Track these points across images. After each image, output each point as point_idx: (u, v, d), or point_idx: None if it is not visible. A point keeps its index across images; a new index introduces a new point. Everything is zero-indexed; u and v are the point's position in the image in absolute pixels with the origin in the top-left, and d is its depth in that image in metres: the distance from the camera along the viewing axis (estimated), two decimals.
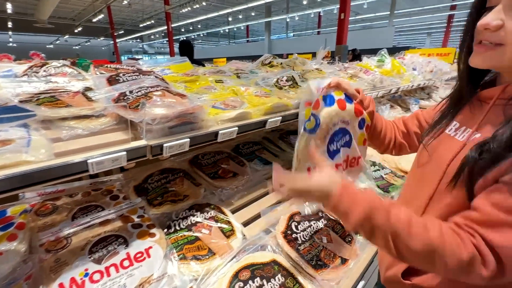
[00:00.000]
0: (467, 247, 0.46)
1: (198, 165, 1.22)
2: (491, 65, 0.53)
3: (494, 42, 0.49)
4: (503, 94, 0.54)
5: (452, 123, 0.65)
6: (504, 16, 0.47)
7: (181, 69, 1.28)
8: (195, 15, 17.36)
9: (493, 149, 0.48)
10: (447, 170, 0.58)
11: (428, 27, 21.12)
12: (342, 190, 0.53)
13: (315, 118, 0.76)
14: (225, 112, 0.93)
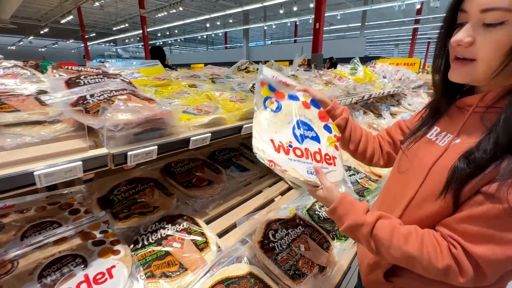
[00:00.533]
0: (444, 258, 0.50)
1: (170, 173, 1.15)
2: (468, 80, 0.54)
3: (468, 57, 0.51)
4: (481, 102, 0.56)
5: (433, 129, 0.67)
6: (473, 33, 0.49)
7: (152, 73, 1.21)
8: (171, 20, 17.11)
9: (477, 158, 0.49)
10: (429, 173, 0.59)
11: (395, 39, 22.64)
12: (338, 202, 0.62)
13: (277, 102, 0.76)
14: (198, 117, 0.89)
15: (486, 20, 0.47)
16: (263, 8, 16.37)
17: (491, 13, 0.46)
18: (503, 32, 0.46)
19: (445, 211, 0.55)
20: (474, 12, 0.49)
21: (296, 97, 0.80)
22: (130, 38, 21.90)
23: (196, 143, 0.82)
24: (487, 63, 0.49)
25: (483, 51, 0.49)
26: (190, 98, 1.05)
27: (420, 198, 0.60)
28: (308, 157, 0.73)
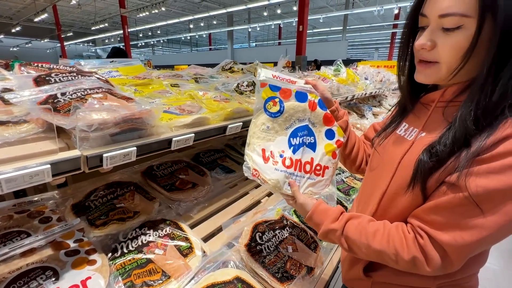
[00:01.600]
0: (410, 249, 0.53)
1: (152, 176, 1.10)
2: (433, 81, 0.57)
3: (431, 60, 0.54)
4: (442, 98, 0.60)
5: (402, 125, 0.69)
6: (434, 37, 0.52)
7: (131, 72, 1.16)
8: (154, 21, 16.76)
9: (439, 152, 0.52)
10: (398, 167, 0.61)
11: (375, 42, 23.45)
12: (312, 212, 0.66)
13: (280, 104, 0.72)
14: (180, 117, 0.85)
15: (444, 24, 0.50)
16: (247, 10, 16.42)
17: (449, 18, 0.48)
18: (460, 36, 0.49)
19: (416, 203, 0.57)
20: (433, 17, 0.51)
21: (304, 97, 0.74)
22: (110, 38, 21.20)
23: (179, 144, 0.79)
24: (448, 65, 0.52)
25: (444, 54, 0.51)
26: (172, 97, 1.01)
27: (392, 192, 0.61)
28: (296, 168, 0.72)
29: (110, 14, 17.46)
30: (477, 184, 0.45)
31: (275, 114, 0.72)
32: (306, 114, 0.74)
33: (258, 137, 0.72)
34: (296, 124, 0.74)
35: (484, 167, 0.46)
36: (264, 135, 0.72)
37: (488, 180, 0.45)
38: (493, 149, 0.46)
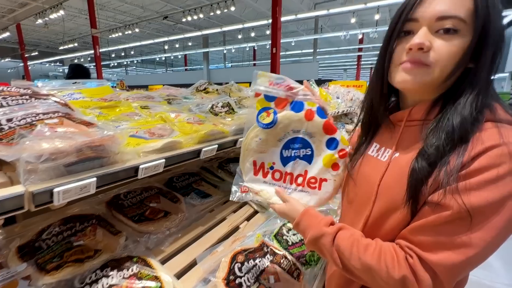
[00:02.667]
0: (401, 267, 0.50)
1: (118, 206, 1.00)
2: (420, 82, 0.53)
3: (424, 62, 0.51)
4: (409, 117, 0.59)
5: (373, 145, 0.68)
6: (430, 39, 0.50)
7: (97, 93, 1.08)
8: (127, 41, 16.59)
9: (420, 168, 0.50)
10: (378, 192, 0.59)
11: (344, 64, 25.16)
12: (301, 215, 0.62)
13: (274, 115, 0.68)
14: (149, 142, 0.79)
15: (444, 26, 0.49)
16: (222, 33, 16.90)
17: (448, 21, 0.48)
18: (456, 41, 0.48)
19: (404, 222, 0.55)
20: (429, 20, 0.50)
21: (301, 106, 0.69)
22: (80, 58, 20.49)
23: (147, 172, 0.72)
24: (442, 69, 0.50)
25: (439, 57, 0.49)
26: (141, 120, 0.95)
27: (375, 218, 0.59)
28: (286, 181, 0.70)
29: (81, 34, 17.01)
30: (462, 201, 0.44)
31: (268, 125, 0.68)
32: (302, 124, 0.69)
33: (250, 149, 0.70)
34: (290, 135, 0.70)
35: (467, 183, 0.45)
36: (257, 147, 0.69)
37: (472, 197, 0.44)
38: (475, 163, 0.45)
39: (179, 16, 11.30)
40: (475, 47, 0.48)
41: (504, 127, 0.47)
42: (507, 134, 0.45)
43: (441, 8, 0.48)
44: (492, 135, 0.46)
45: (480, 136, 0.47)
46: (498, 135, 0.46)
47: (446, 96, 0.54)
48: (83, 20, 14.81)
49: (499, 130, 0.46)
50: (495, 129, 0.47)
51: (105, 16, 14.43)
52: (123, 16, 14.75)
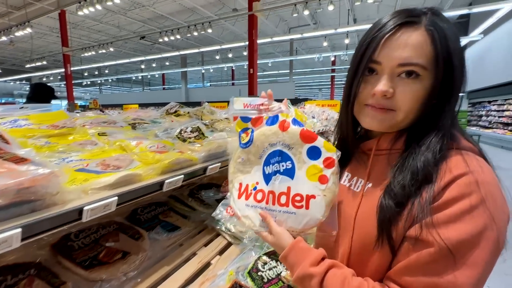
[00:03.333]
0: None
1: (66, 250, 0.86)
2: (385, 128, 0.55)
3: (389, 108, 0.52)
4: (378, 146, 0.60)
5: (345, 174, 0.67)
6: (393, 85, 0.51)
7: (47, 119, 0.97)
8: (102, 60, 16.23)
9: (387, 207, 0.50)
10: (355, 225, 0.57)
11: (318, 83, 26.42)
12: (289, 249, 0.56)
13: (251, 132, 0.66)
14: (101, 176, 0.69)
15: (404, 71, 0.50)
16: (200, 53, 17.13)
17: (409, 67, 0.49)
18: (418, 86, 0.50)
19: (387, 258, 0.52)
20: (391, 65, 0.51)
21: (275, 119, 0.65)
22: (49, 76, 19.56)
23: (94, 213, 0.62)
24: (406, 113, 0.52)
25: (403, 103, 0.51)
26: (95, 150, 0.85)
27: (356, 253, 0.56)
28: (269, 202, 0.61)
29: (51, 52, 16.38)
30: (441, 236, 0.43)
31: (245, 144, 0.65)
32: (277, 136, 0.63)
33: (236, 171, 0.67)
34: (268, 149, 0.64)
35: (441, 216, 0.44)
36: (242, 168, 0.66)
37: (450, 231, 0.43)
38: (446, 193, 0.45)
39: (156, 36, 11.33)
40: (440, 88, 0.50)
41: (468, 154, 0.49)
42: (471, 162, 0.47)
43: (403, 55, 0.49)
44: (458, 163, 0.47)
45: (447, 164, 0.48)
46: (464, 163, 0.47)
47: (414, 126, 0.55)
48: (54, 38, 14.34)
49: (464, 158, 0.48)
50: (459, 157, 0.48)
51: (79, 35, 14.10)
52: (98, 35, 14.50)
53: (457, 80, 0.50)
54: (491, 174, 0.47)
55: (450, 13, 9.04)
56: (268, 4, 10.51)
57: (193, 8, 11.26)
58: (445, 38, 0.49)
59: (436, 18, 0.50)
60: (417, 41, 0.49)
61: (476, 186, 0.44)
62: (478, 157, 0.49)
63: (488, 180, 0.45)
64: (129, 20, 12.41)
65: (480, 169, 0.46)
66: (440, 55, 0.48)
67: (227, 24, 12.55)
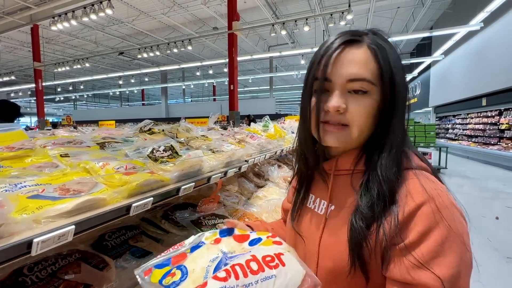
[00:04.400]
0: None
1: (17, 286, 0.77)
2: (342, 143, 0.55)
3: (343, 123, 0.53)
4: (336, 166, 0.59)
5: (310, 196, 0.65)
6: (345, 101, 0.52)
7: (4, 140, 0.89)
8: (77, 75, 15.71)
9: (359, 230, 0.49)
10: (320, 250, 0.55)
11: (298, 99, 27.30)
12: None
13: (180, 267, 0.51)
14: (57, 203, 0.64)
15: (354, 88, 0.52)
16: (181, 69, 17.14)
17: (357, 83, 0.51)
18: (367, 101, 0.52)
19: (359, 285, 0.50)
20: (341, 81, 0.52)
21: (199, 243, 0.58)
22: (18, 92, 18.53)
23: (47, 245, 0.56)
24: (359, 128, 0.53)
25: (356, 118, 0.52)
26: (55, 173, 0.79)
27: (323, 280, 0.52)
28: (239, 276, 0.44)
29: (21, 66, 15.63)
30: (436, 275, 0.42)
31: (181, 280, 0.47)
32: (214, 251, 0.54)
33: None
34: (212, 265, 0.50)
35: (424, 253, 0.43)
36: None
37: (440, 267, 0.42)
38: (416, 226, 0.45)
39: (135, 52, 11.22)
40: (388, 104, 0.52)
41: (422, 174, 0.50)
42: (427, 186, 0.47)
43: (351, 71, 0.51)
44: (417, 188, 0.47)
45: (407, 188, 0.48)
46: (421, 187, 0.47)
47: (369, 145, 0.56)
48: (25, 53, 13.76)
49: (420, 182, 0.48)
50: (416, 180, 0.49)
51: (52, 50, 13.66)
52: (73, 50, 14.13)
53: (401, 96, 0.52)
54: (446, 195, 0.48)
55: (413, 36, 9.88)
56: (247, 23, 10.88)
57: (173, 26, 11.39)
58: (387, 55, 0.51)
59: (376, 38, 0.53)
60: (362, 58, 0.51)
61: (440, 216, 0.44)
62: (432, 177, 0.50)
63: (446, 204, 0.46)
64: (107, 36, 12.26)
65: (436, 192, 0.47)
66: (384, 71, 0.51)
67: (207, 41, 12.77)
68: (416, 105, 17.18)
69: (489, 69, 8.81)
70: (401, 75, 0.52)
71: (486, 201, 4.88)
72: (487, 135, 9.86)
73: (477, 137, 10.56)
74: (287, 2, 9.82)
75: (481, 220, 3.83)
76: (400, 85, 0.51)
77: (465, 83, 10.63)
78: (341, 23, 7.58)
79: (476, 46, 9.72)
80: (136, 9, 9.94)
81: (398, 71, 0.52)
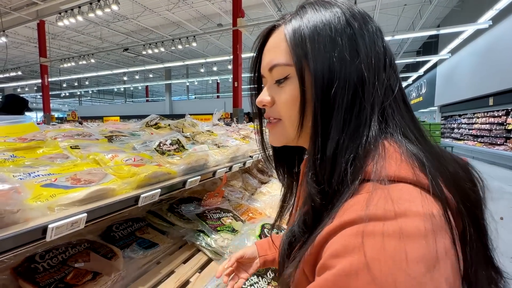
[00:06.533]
0: None
1: (29, 273, 0.79)
2: (283, 140, 0.49)
3: (275, 117, 0.48)
4: (303, 171, 0.54)
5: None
6: (272, 93, 0.47)
7: (15, 132, 0.92)
8: (82, 71, 15.83)
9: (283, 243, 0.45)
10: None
11: None
12: None
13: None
14: (69, 192, 0.66)
15: (274, 77, 0.46)
16: (185, 66, 17.17)
17: (276, 70, 0.45)
18: (290, 86, 0.44)
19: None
20: (266, 73, 0.47)
21: None
22: (25, 87, 18.73)
23: (60, 231, 0.58)
24: (289, 119, 0.45)
25: (283, 108, 0.46)
26: (66, 164, 0.81)
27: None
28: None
29: (28, 62, 15.80)
30: None
31: None
32: None
33: None
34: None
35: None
36: None
37: None
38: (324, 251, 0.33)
39: (140, 49, 11.27)
40: (309, 87, 0.41)
41: (384, 189, 0.32)
42: (378, 205, 0.31)
43: (269, 59, 0.46)
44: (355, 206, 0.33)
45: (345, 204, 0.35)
46: (362, 205, 0.32)
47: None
48: (32, 48, 13.88)
49: (370, 197, 0.32)
50: (365, 195, 0.33)
51: (58, 45, 13.77)
52: (78, 46, 14.22)
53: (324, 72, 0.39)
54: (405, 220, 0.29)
55: (420, 34, 9.76)
56: (252, 20, 10.84)
57: (178, 22, 11.39)
58: (303, 24, 0.41)
59: (302, 9, 0.44)
60: (276, 41, 0.45)
61: (361, 240, 0.29)
62: (404, 194, 0.32)
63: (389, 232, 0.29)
64: (112, 32, 12.31)
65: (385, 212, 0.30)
66: (294, 43, 0.41)
67: (212, 38, 12.75)
68: (422, 104, 17.01)
69: (496, 68, 8.68)
70: (324, 44, 0.39)
71: (491, 201, 4.84)
72: (493, 135, 9.74)
73: (483, 137, 10.44)
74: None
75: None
76: (320, 55, 0.39)
77: (472, 82, 10.50)
78: None
79: (484, 44, 9.58)
80: (141, 5, 9.96)
81: (318, 39, 0.39)
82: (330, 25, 0.40)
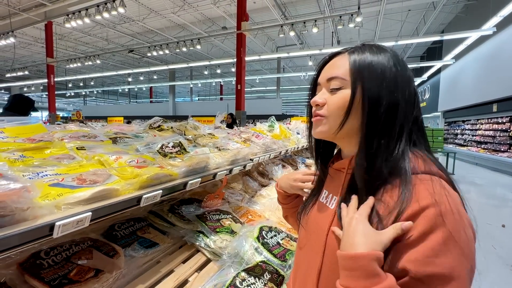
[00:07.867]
0: None
1: (34, 269, 0.82)
2: (323, 133, 0.62)
3: (321, 114, 0.61)
4: (350, 165, 0.63)
5: (323, 192, 0.69)
6: (326, 97, 0.61)
7: (23, 133, 0.96)
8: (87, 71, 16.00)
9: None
10: (327, 241, 0.59)
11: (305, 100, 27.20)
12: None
13: None
14: (76, 191, 0.69)
15: (331, 86, 0.60)
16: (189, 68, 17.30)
17: (334, 81, 0.60)
18: (341, 95, 0.58)
19: None
20: (323, 82, 0.62)
21: None
22: (31, 86, 18.97)
23: (66, 229, 0.61)
24: (334, 118, 0.59)
25: (331, 109, 0.60)
26: (72, 164, 0.85)
27: (327, 270, 0.57)
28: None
29: (34, 62, 16.03)
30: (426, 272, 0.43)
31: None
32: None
33: None
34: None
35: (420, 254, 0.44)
36: None
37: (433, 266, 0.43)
38: (413, 227, 0.45)
39: (145, 50, 11.39)
40: (360, 98, 0.56)
41: (433, 180, 0.49)
42: (437, 192, 0.47)
43: (328, 72, 0.62)
44: (423, 193, 0.47)
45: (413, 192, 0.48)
46: (428, 192, 0.47)
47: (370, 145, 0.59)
48: (39, 48, 14.09)
49: (428, 186, 0.48)
50: (423, 185, 0.48)
51: (65, 46, 13.96)
52: (85, 47, 14.41)
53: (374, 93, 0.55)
54: (455, 203, 0.47)
55: (424, 39, 9.76)
56: (256, 24, 10.92)
57: (183, 25, 11.51)
58: (362, 56, 0.58)
59: (362, 47, 0.60)
60: (340, 62, 0.61)
61: (441, 219, 0.44)
62: (445, 184, 0.50)
63: (453, 211, 0.45)
64: (118, 33, 12.47)
65: (444, 198, 0.46)
66: (353, 67, 0.57)
67: (216, 41, 12.86)
68: (425, 109, 16.95)
69: (501, 75, 8.65)
70: (377, 75, 0.55)
71: (493, 208, 4.82)
72: (497, 142, 9.68)
73: (487, 144, 10.37)
74: (297, 3, 9.83)
75: (487, 227, 3.79)
76: (372, 81, 0.55)
77: (476, 88, 10.46)
78: (350, 25, 7.56)
79: (488, 51, 9.55)
80: (147, 7, 10.09)
81: (373, 70, 0.56)
82: (383, 63, 0.56)
